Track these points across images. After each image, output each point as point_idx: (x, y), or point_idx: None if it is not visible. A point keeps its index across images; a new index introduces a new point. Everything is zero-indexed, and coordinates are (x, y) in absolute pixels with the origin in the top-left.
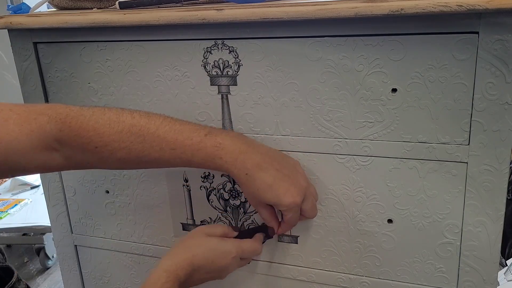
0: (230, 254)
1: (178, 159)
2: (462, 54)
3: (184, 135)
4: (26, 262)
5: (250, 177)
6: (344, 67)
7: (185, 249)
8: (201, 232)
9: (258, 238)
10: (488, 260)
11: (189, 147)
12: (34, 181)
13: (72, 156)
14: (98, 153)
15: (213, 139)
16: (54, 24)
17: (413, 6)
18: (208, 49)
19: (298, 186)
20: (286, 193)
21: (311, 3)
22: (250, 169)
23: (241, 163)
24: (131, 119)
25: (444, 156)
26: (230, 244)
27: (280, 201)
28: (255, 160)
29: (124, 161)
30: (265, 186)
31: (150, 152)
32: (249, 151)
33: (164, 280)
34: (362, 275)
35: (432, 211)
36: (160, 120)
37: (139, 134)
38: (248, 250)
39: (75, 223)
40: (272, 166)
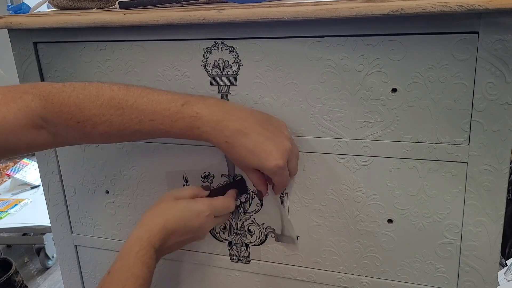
0: (202, 213)
1: (158, 130)
2: (462, 54)
3: (162, 106)
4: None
5: (230, 145)
6: (344, 67)
7: (156, 215)
8: (170, 196)
9: (231, 194)
10: (488, 260)
11: (167, 118)
12: (34, 181)
13: (57, 133)
14: (81, 128)
15: (190, 109)
16: (54, 24)
17: (413, 6)
18: (208, 49)
19: (281, 148)
20: (269, 157)
21: (311, 3)
22: (229, 137)
23: (220, 131)
24: (110, 92)
25: (444, 156)
26: (201, 203)
27: (263, 165)
28: (234, 127)
29: (107, 135)
30: (246, 152)
31: (131, 124)
32: (227, 119)
33: (137, 248)
34: (362, 275)
35: (432, 211)
36: (138, 91)
37: (118, 107)
38: (220, 206)
39: (75, 223)
40: (253, 130)
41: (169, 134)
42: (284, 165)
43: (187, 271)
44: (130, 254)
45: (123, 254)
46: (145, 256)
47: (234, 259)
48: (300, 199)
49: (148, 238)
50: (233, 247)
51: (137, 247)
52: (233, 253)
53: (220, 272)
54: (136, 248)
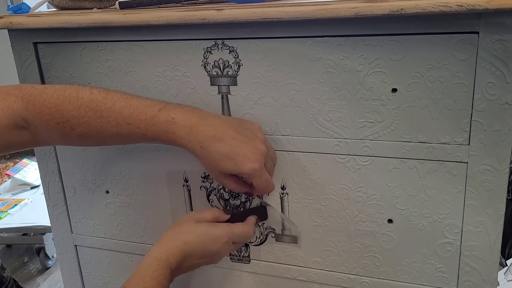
0: (221, 239)
1: (134, 134)
2: (462, 54)
3: (139, 110)
4: (26, 262)
5: (205, 150)
6: (344, 67)
7: (175, 236)
8: (191, 218)
9: (250, 221)
10: (488, 260)
11: (143, 122)
12: (34, 181)
13: (38, 133)
14: (60, 129)
15: (166, 114)
16: (54, 24)
17: (413, 6)
18: (208, 49)
19: (256, 151)
20: (244, 161)
21: (311, 3)
22: (204, 142)
23: (194, 136)
24: (90, 94)
25: (444, 156)
26: (220, 229)
27: (239, 169)
28: (209, 132)
29: (86, 136)
30: (222, 157)
31: (108, 127)
32: (202, 124)
33: (154, 268)
34: (362, 275)
35: (432, 211)
36: (117, 96)
37: (97, 110)
38: (239, 234)
39: (75, 223)
40: (228, 135)
41: (145, 138)
42: (261, 167)
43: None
44: (146, 273)
45: (139, 272)
46: (161, 276)
47: (234, 259)
48: (300, 199)
49: (166, 258)
50: None
51: (154, 267)
52: (233, 253)
53: (220, 272)
54: (153, 268)
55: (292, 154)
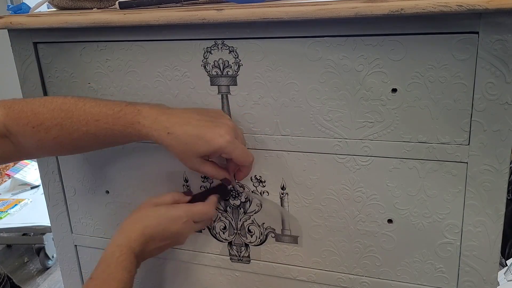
0: (180, 219)
1: (103, 131)
2: (462, 54)
3: (107, 107)
4: (26, 262)
5: (173, 135)
6: (344, 67)
7: (135, 221)
8: (150, 202)
9: (211, 199)
10: (488, 260)
11: (111, 116)
12: (34, 181)
13: (18, 142)
14: (36, 133)
15: (132, 107)
16: (54, 24)
17: (413, 6)
18: (208, 49)
19: (223, 126)
20: (214, 135)
21: (311, 3)
22: (170, 127)
23: (160, 124)
24: (63, 99)
25: (444, 156)
26: (179, 209)
27: (212, 146)
28: (173, 119)
29: (59, 140)
30: (191, 138)
31: (78, 126)
32: (166, 113)
33: (118, 254)
34: (362, 275)
35: (432, 211)
36: (88, 99)
37: (68, 110)
38: (198, 212)
39: (75, 223)
40: (192, 118)
41: (113, 133)
42: (233, 139)
43: (187, 271)
44: (111, 260)
45: (104, 260)
46: (126, 261)
47: (234, 259)
48: (300, 199)
49: (128, 244)
50: (233, 247)
51: (118, 253)
52: (233, 253)
53: (220, 272)
54: (117, 254)
55: (292, 154)
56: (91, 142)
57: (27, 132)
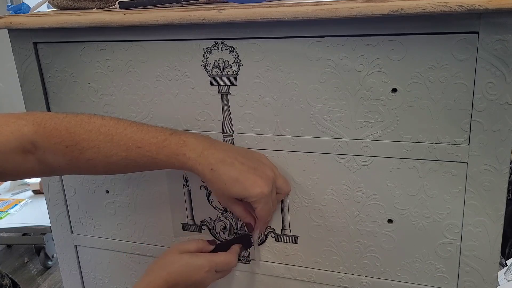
0: (203, 268)
1: (144, 158)
2: (462, 54)
3: (150, 134)
4: (26, 262)
5: (215, 172)
6: (344, 67)
7: (159, 267)
8: (175, 249)
9: (234, 250)
10: (488, 260)
11: (154, 145)
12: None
13: (44, 159)
14: (69, 152)
15: (178, 137)
16: (54, 24)
17: (413, 6)
18: (208, 49)
19: (264, 177)
20: (253, 185)
21: (311, 3)
22: (214, 164)
23: (205, 159)
24: (101, 120)
25: (444, 156)
26: (202, 259)
27: (248, 193)
28: (219, 156)
29: (93, 162)
30: (231, 180)
31: (118, 151)
32: (212, 147)
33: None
34: (362, 275)
35: (432, 211)
36: (128, 122)
37: (108, 134)
38: (221, 263)
39: (75, 223)
40: (237, 160)
41: (155, 162)
42: (269, 192)
43: None
44: None
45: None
46: None
47: None
48: (300, 199)
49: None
50: None
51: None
52: None
53: None
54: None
55: (292, 154)
56: (129, 167)
57: (58, 151)
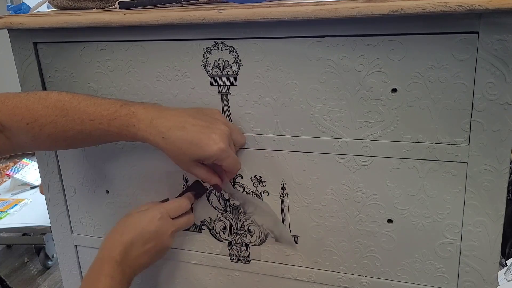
0: (154, 217)
1: (97, 131)
2: (462, 54)
3: (102, 107)
4: (26, 262)
5: (168, 140)
6: (344, 67)
7: (112, 233)
8: (127, 214)
9: (185, 195)
10: (488, 260)
11: (106, 117)
12: (34, 181)
13: (11, 137)
14: (30, 130)
15: (127, 109)
16: (54, 24)
17: (413, 6)
18: (208, 49)
19: (218, 132)
20: (209, 143)
21: (311, 3)
22: (165, 132)
23: (155, 128)
24: (58, 95)
25: (444, 156)
26: (151, 209)
27: (206, 153)
28: (168, 123)
29: (53, 137)
30: (186, 144)
31: (73, 125)
32: (161, 116)
33: (98, 266)
34: (362, 275)
35: (432, 211)
36: (83, 97)
37: (63, 108)
38: (171, 207)
39: (75, 223)
40: (187, 122)
41: (108, 134)
42: (227, 147)
43: (187, 271)
44: (94, 274)
45: (88, 276)
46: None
47: (234, 259)
48: (300, 199)
49: (108, 254)
50: (233, 247)
51: (98, 265)
52: (233, 253)
53: (220, 272)
54: (98, 266)
55: (292, 154)
56: (86, 140)
57: (21, 128)
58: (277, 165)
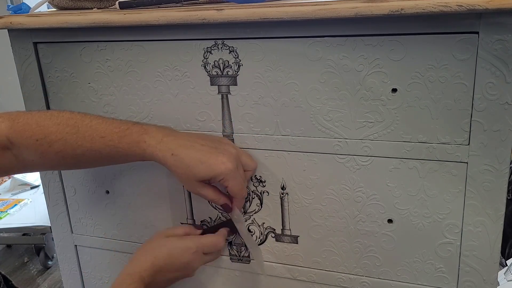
0: (189, 249)
1: (107, 148)
2: (462, 54)
3: (113, 125)
4: (26, 262)
5: (177, 157)
6: (344, 67)
7: (146, 252)
8: (161, 234)
9: (221, 232)
10: (488, 260)
11: (116, 134)
12: (34, 181)
13: (19, 154)
14: (39, 146)
15: (139, 126)
16: (54, 24)
17: (413, 6)
18: (208, 49)
19: (226, 153)
20: (216, 162)
21: (311, 3)
22: (174, 149)
23: (165, 145)
24: (70, 114)
25: (444, 156)
26: (188, 241)
27: (213, 172)
28: (178, 141)
29: (62, 154)
30: (194, 162)
31: (83, 142)
32: (172, 135)
33: (128, 282)
34: (362, 275)
35: (432, 211)
36: (95, 116)
37: (74, 126)
38: (208, 244)
39: (75, 223)
40: (197, 142)
41: (117, 151)
42: (234, 167)
43: None
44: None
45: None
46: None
47: (234, 259)
48: (300, 199)
49: (139, 273)
50: (233, 247)
51: (128, 281)
52: (233, 253)
53: (220, 272)
54: (128, 282)
55: (292, 154)
56: (94, 159)
57: (30, 145)
58: (277, 165)
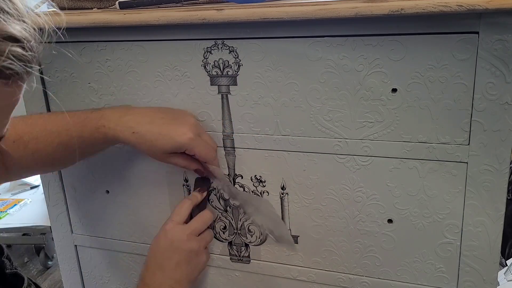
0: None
1: (73, 139)
2: (462, 54)
3: (75, 117)
4: (26, 262)
5: (138, 134)
6: (344, 67)
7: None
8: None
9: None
10: (488, 260)
11: (79, 124)
12: (34, 181)
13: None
14: (15, 148)
15: (97, 113)
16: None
17: (413, 6)
18: (208, 49)
19: (186, 123)
20: (177, 133)
21: (311, 3)
22: (135, 127)
23: (124, 124)
24: (39, 114)
25: (444, 156)
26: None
27: (176, 143)
28: (137, 119)
29: (38, 155)
30: (156, 136)
31: (52, 138)
32: (129, 114)
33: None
34: (362, 275)
35: (432, 211)
36: (61, 112)
37: (42, 124)
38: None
39: (75, 223)
40: (156, 116)
41: (83, 140)
42: (195, 136)
43: None
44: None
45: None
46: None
47: (234, 259)
48: (300, 199)
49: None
50: (233, 247)
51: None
52: (233, 253)
53: (220, 272)
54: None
55: (292, 154)
56: (66, 154)
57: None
58: (277, 165)
